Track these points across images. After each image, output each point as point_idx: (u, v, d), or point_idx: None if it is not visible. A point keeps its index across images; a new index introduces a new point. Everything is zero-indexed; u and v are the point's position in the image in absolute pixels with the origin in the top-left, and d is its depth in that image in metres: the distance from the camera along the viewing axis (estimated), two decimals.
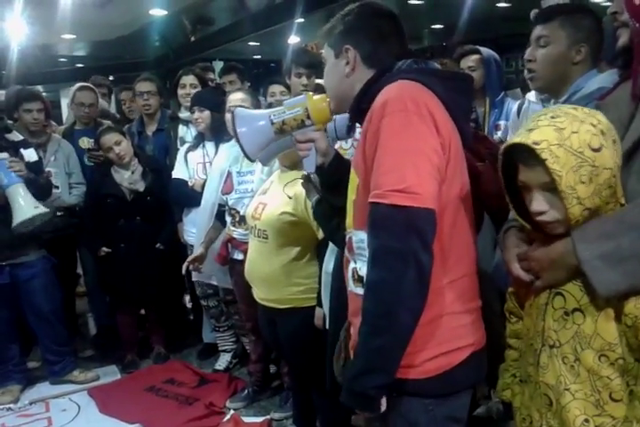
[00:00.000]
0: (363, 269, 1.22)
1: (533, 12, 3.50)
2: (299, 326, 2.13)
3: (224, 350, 3.27)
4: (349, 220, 1.31)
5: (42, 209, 2.77)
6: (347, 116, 1.58)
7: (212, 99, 2.94)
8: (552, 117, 1.06)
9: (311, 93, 1.46)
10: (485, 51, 2.94)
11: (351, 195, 1.29)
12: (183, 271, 2.68)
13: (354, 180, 1.27)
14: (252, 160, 1.52)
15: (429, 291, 1.11)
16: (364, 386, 1.11)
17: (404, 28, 1.35)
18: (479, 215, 1.36)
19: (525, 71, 1.76)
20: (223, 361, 3.25)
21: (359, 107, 1.29)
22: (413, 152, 1.11)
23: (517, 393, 1.29)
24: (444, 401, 1.21)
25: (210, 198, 2.77)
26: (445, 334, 1.18)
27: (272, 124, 1.43)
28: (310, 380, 2.21)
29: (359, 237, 1.24)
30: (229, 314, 3.10)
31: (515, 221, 1.28)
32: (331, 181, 1.52)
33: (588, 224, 1.07)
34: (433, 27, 10.38)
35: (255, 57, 12.55)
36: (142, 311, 3.59)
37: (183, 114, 3.34)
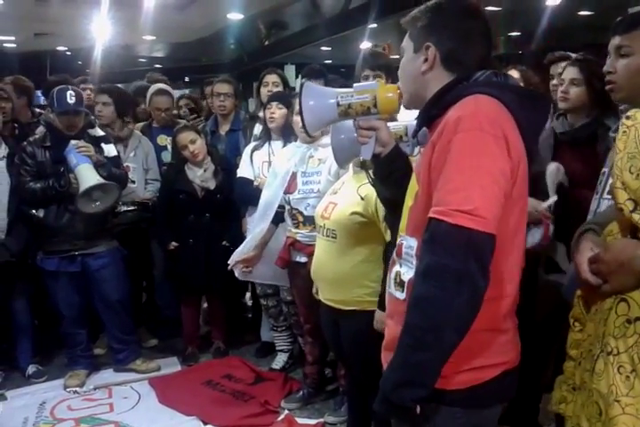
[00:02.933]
0: (406, 275, 1.23)
1: (619, 20, 3.36)
2: (362, 329, 2.11)
3: (281, 350, 3.30)
4: (403, 224, 1.31)
5: (104, 181, 2.84)
6: None
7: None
8: None
9: (383, 81, 1.44)
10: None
11: (408, 200, 1.29)
12: (229, 268, 2.73)
13: (413, 186, 1.27)
14: (309, 135, 1.53)
15: None
16: (403, 398, 1.11)
17: (491, 30, 1.29)
18: None
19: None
20: (280, 361, 3.28)
21: (430, 112, 1.26)
22: (483, 173, 1.09)
23: (570, 402, 1.27)
24: (472, 412, 1.21)
25: (268, 198, 2.75)
26: (481, 350, 1.18)
27: (338, 105, 1.41)
28: (368, 384, 2.19)
29: (409, 244, 1.24)
30: (288, 314, 3.12)
31: (592, 224, 1.26)
32: (384, 172, 1.51)
33: None
34: (510, 34, 10.16)
35: (326, 62, 12.64)
36: (205, 306, 3.68)
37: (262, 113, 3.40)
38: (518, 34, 9.91)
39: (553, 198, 2.00)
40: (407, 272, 1.22)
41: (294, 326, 3.11)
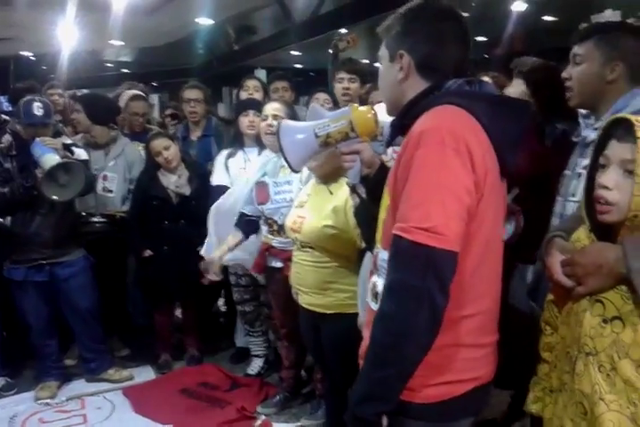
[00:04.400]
0: (380, 286, 1.22)
1: (582, 27, 3.45)
2: (343, 332, 2.11)
3: (256, 355, 3.29)
4: (378, 236, 1.30)
5: (68, 160, 2.78)
6: None
7: None
8: None
9: (356, 105, 1.44)
10: None
11: (382, 213, 1.28)
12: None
13: (386, 199, 1.25)
14: (295, 172, 1.52)
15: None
16: (365, 412, 1.11)
17: (468, 32, 1.25)
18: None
19: None
20: (255, 366, 3.26)
21: (402, 122, 1.25)
22: (444, 190, 1.07)
23: (549, 404, 1.28)
24: (441, 426, 1.21)
25: (234, 206, 2.78)
26: (451, 365, 1.17)
27: (317, 137, 1.41)
28: (347, 387, 2.20)
29: (382, 257, 1.23)
30: (267, 317, 3.12)
31: (559, 231, 1.29)
32: (377, 192, 1.48)
33: None
34: (476, 39, 10.32)
35: (297, 66, 12.66)
36: (178, 314, 3.65)
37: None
38: (485, 39, 10.07)
39: (514, 192, 2.07)
40: (382, 284, 1.21)
41: (273, 329, 3.10)
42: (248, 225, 2.71)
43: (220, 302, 4.11)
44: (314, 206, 2.17)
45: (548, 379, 1.30)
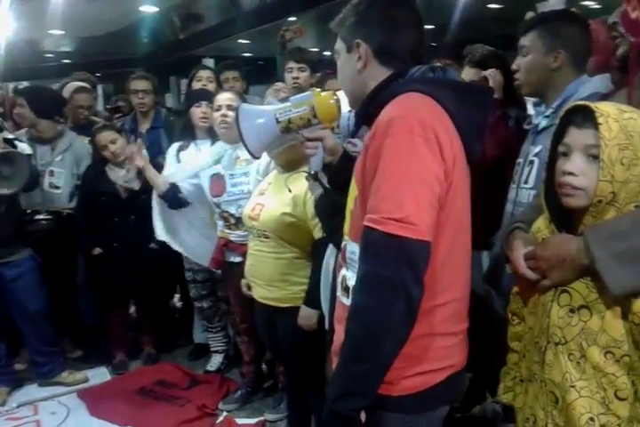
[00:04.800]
0: (351, 280, 1.21)
1: (529, 15, 3.50)
2: (299, 325, 2.11)
3: (216, 351, 3.25)
4: (346, 228, 1.28)
5: (7, 149, 2.67)
6: None
7: None
8: (616, 103, 1.11)
9: (318, 90, 1.41)
10: None
11: (350, 204, 1.26)
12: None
13: (354, 189, 1.24)
14: (255, 158, 1.48)
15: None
16: (343, 409, 1.10)
17: (421, 18, 1.26)
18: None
19: None
20: (215, 362, 3.22)
21: (367, 111, 1.24)
22: (414, 179, 1.06)
23: (519, 393, 1.30)
24: (421, 416, 1.21)
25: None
26: (427, 355, 1.17)
27: (278, 122, 1.38)
28: (307, 380, 2.20)
29: (352, 249, 1.22)
30: (226, 312, 3.08)
31: (519, 222, 1.30)
32: (339, 180, 1.47)
33: (601, 224, 1.09)
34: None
35: (245, 54, 12.49)
36: (132, 311, 3.55)
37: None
38: (432, 27, 10.16)
39: None
40: (352, 277, 1.20)
41: (233, 324, 3.06)
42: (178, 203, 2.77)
43: (176, 297, 4.04)
44: (274, 194, 2.14)
45: (518, 368, 1.32)
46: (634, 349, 1.07)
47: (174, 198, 2.83)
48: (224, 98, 2.61)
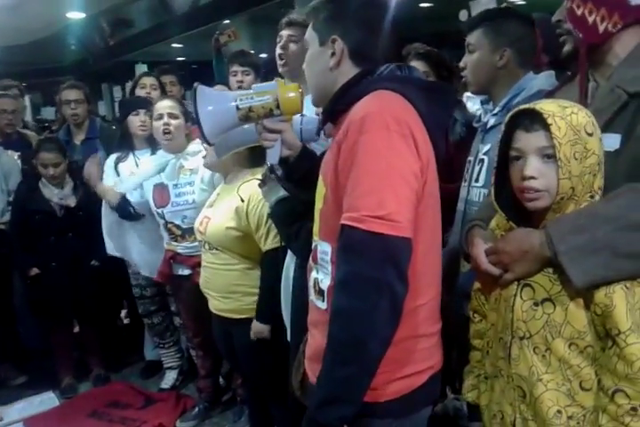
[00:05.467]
0: (324, 282, 1.18)
1: (462, 13, 3.55)
2: None
3: (169, 367, 3.14)
4: (316, 228, 1.25)
5: None
6: (314, 118, 1.51)
7: None
8: (554, 100, 1.13)
9: (282, 81, 1.37)
10: None
11: (318, 203, 1.23)
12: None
13: (321, 188, 1.21)
14: (209, 144, 1.41)
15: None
16: (329, 417, 1.06)
17: (395, 20, 1.25)
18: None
19: None
20: (169, 379, 3.12)
21: (334, 108, 1.22)
22: (394, 175, 1.05)
23: (485, 391, 1.30)
24: (405, 419, 1.20)
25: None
26: (410, 357, 1.17)
27: (237, 109, 1.31)
28: (268, 392, 2.16)
29: (323, 249, 1.19)
30: (179, 327, 2.99)
31: (477, 220, 1.30)
32: (296, 175, 1.44)
33: (561, 218, 1.11)
34: None
35: (179, 59, 12.27)
36: (77, 331, 3.38)
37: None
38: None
39: None
40: (325, 279, 1.17)
41: (186, 338, 2.98)
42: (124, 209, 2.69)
43: (123, 313, 3.89)
44: (220, 207, 2.10)
45: (481, 366, 1.32)
46: (596, 339, 1.09)
47: (127, 211, 2.72)
48: (165, 106, 2.53)
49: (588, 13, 1.20)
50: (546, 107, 1.09)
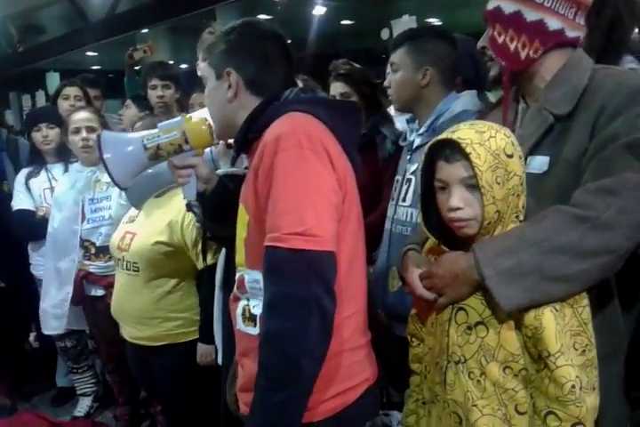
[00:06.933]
0: (257, 308, 1.15)
1: (384, 32, 3.61)
2: (177, 363, 1.99)
3: (83, 394, 2.96)
4: (240, 258, 1.22)
5: None
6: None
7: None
8: (471, 124, 1.13)
9: (189, 116, 1.36)
10: None
11: (241, 232, 1.21)
12: None
13: (243, 216, 1.19)
14: (122, 189, 1.37)
15: None
16: None
17: (290, 50, 1.29)
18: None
19: None
20: (83, 406, 2.94)
21: (245, 137, 1.23)
22: (311, 191, 1.06)
23: (423, 416, 1.29)
24: None
25: (60, 234, 2.50)
26: (341, 373, 1.14)
27: (145, 149, 1.29)
28: (190, 421, 2.05)
29: (253, 277, 1.16)
30: (93, 350, 2.83)
31: (412, 244, 1.29)
32: (214, 210, 1.42)
33: (488, 241, 1.12)
34: None
35: (94, 67, 11.86)
36: None
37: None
38: (288, 41, 10.33)
39: None
40: (258, 305, 1.13)
41: (103, 364, 2.81)
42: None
43: (32, 337, 3.64)
44: (146, 221, 1.99)
45: (420, 391, 1.31)
46: (531, 362, 1.10)
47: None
48: (82, 119, 2.41)
49: (509, 41, 1.22)
50: (463, 135, 1.09)
